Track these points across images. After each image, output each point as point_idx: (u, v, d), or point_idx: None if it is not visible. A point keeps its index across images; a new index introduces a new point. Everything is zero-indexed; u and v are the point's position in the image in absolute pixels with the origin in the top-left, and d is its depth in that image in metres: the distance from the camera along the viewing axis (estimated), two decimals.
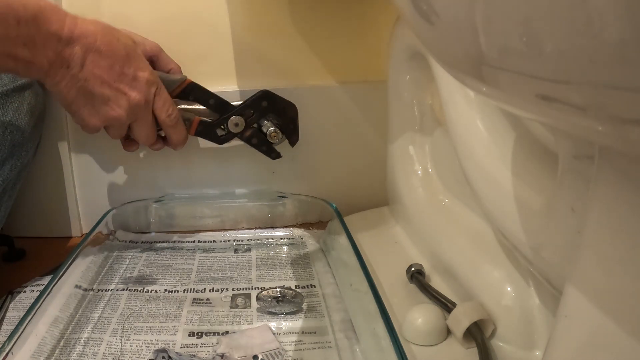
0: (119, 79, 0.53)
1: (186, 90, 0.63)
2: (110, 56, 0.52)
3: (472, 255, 0.54)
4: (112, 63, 0.53)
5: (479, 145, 0.48)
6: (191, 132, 0.65)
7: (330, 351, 0.50)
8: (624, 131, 0.20)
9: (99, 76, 0.52)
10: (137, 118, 0.57)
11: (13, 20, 0.45)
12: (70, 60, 0.50)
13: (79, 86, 0.52)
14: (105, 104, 0.54)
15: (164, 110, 0.59)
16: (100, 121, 0.55)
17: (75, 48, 0.50)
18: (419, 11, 0.25)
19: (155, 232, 0.73)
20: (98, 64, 0.52)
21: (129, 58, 0.54)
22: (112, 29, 0.54)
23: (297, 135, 0.70)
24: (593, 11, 0.16)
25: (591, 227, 0.29)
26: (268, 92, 0.68)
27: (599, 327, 0.28)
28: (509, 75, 0.22)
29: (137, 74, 0.55)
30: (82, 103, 0.53)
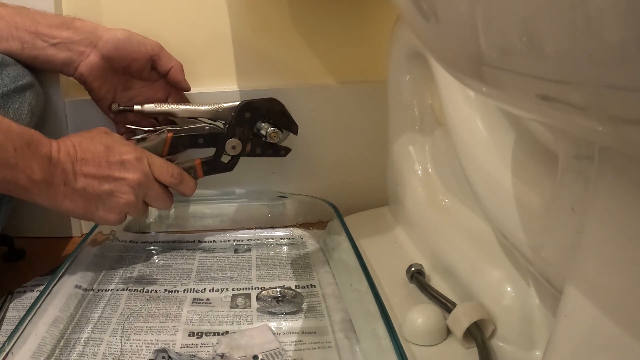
0: (110, 170, 0.56)
1: (173, 144, 0.65)
2: (92, 157, 0.55)
3: (472, 255, 0.54)
4: (97, 161, 0.56)
5: (479, 145, 0.48)
6: (199, 175, 0.66)
7: (330, 351, 0.50)
8: (624, 131, 0.20)
9: (92, 176, 0.55)
10: (147, 193, 0.59)
11: (11, 147, 0.48)
12: (65, 177, 0.53)
13: (81, 195, 0.55)
14: (112, 196, 0.56)
15: (166, 174, 0.61)
16: (118, 214, 0.58)
17: (66, 165, 0.53)
18: (419, 11, 0.25)
19: (155, 232, 0.73)
20: (87, 169, 0.55)
21: (109, 149, 0.57)
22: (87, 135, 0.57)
23: (294, 124, 0.69)
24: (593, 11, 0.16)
25: (591, 227, 0.29)
26: (246, 102, 0.67)
27: (599, 327, 0.28)
28: (509, 75, 0.22)
29: (123, 158, 0.57)
30: (93, 207, 0.56)
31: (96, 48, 0.63)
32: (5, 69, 0.59)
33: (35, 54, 0.62)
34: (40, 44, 0.62)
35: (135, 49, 0.65)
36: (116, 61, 0.64)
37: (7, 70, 0.60)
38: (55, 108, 0.71)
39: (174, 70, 0.67)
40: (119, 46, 0.64)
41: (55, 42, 0.62)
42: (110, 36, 0.64)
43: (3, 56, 0.60)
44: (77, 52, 0.63)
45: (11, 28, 0.61)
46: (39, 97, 0.64)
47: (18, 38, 0.61)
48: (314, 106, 0.74)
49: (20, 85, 0.60)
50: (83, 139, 0.56)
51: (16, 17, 0.61)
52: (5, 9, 0.62)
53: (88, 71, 0.64)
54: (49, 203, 0.54)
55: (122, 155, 0.57)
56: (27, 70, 0.63)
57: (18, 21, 0.61)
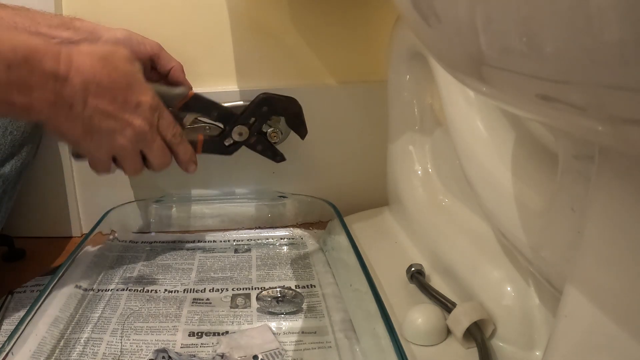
0: (122, 109, 0.51)
1: (189, 103, 0.62)
2: (111, 88, 0.50)
3: (472, 255, 0.54)
4: (114, 95, 0.51)
5: (479, 145, 0.48)
6: (198, 151, 0.64)
7: (330, 351, 0.50)
8: (624, 131, 0.20)
9: (103, 110, 0.50)
10: (146, 144, 0.55)
11: (2, 65, 0.43)
12: (72, 100, 0.48)
13: (84, 124, 0.50)
14: (110, 135, 0.52)
15: (169, 131, 0.57)
16: (107, 153, 0.54)
17: (75, 84, 0.47)
18: (419, 11, 0.25)
19: (155, 232, 0.73)
20: (101, 99, 0.50)
21: (130, 86, 0.52)
22: (110, 56, 0.52)
23: (305, 128, 0.68)
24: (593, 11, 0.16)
25: (591, 227, 0.29)
26: (267, 95, 0.66)
27: (599, 327, 0.28)
28: (509, 75, 0.22)
29: (140, 100, 0.53)
30: (89, 139, 0.51)
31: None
32: None
33: None
34: None
35: (135, 49, 0.64)
36: None
37: None
38: None
39: (174, 70, 0.66)
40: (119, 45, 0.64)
41: (55, 42, 0.62)
42: (110, 36, 0.64)
43: None
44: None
45: (10, 28, 0.61)
46: None
47: None
48: (314, 106, 0.74)
49: None
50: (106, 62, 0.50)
51: (16, 17, 0.61)
52: (5, 10, 0.62)
53: None
54: (47, 123, 0.49)
55: (141, 96, 0.53)
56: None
57: (17, 21, 0.61)
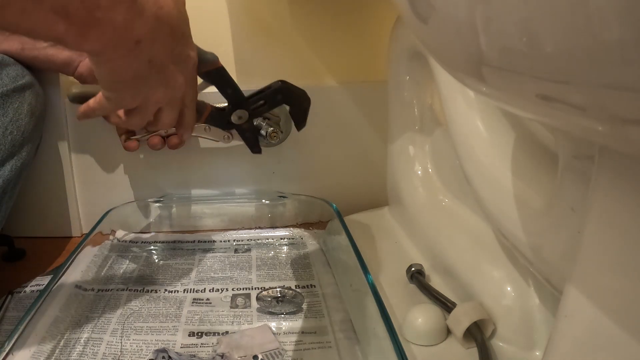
0: (174, 60, 0.45)
1: (211, 72, 0.59)
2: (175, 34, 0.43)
3: (472, 255, 0.54)
4: (175, 42, 0.44)
5: (479, 145, 0.48)
6: (202, 119, 0.62)
7: (330, 351, 0.50)
8: (624, 131, 0.20)
9: (163, 56, 0.43)
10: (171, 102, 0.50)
11: None
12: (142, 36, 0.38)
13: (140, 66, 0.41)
14: (152, 87, 0.45)
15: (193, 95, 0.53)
16: (136, 103, 0.46)
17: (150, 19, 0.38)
18: (419, 11, 0.25)
19: (155, 232, 0.73)
20: (166, 42, 0.42)
21: (184, 36, 0.46)
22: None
23: (304, 124, 0.67)
24: (593, 11, 0.16)
25: (591, 227, 0.29)
26: (285, 85, 0.63)
27: (599, 327, 0.28)
28: (509, 75, 0.22)
29: (189, 53, 0.47)
30: (132, 85, 0.43)
31: None
32: (4, 69, 0.59)
33: (35, 54, 0.62)
34: (41, 44, 0.62)
35: None
36: None
37: (7, 70, 0.60)
38: (55, 108, 0.71)
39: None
40: None
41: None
42: None
43: (2, 56, 0.60)
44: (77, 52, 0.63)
45: None
46: (38, 97, 0.64)
47: (18, 39, 0.61)
48: (314, 106, 0.74)
49: (20, 85, 0.60)
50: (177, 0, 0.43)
51: None
52: None
53: (88, 71, 0.64)
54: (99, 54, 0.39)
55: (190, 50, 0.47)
56: (27, 70, 0.63)
57: None
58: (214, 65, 0.59)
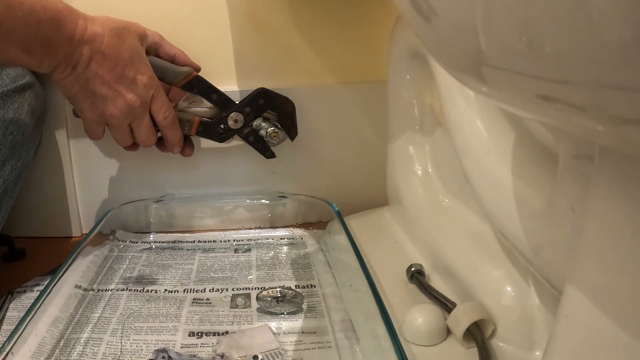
0: (118, 80, 0.56)
1: (191, 83, 0.65)
2: (113, 59, 0.56)
3: (472, 255, 0.54)
4: (114, 65, 0.56)
5: (479, 145, 0.48)
6: (192, 132, 0.66)
7: (330, 351, 0.50)
8: (624, 131, 0.20)
9: (101, 76, 0.55)
10: (135, 119, 0.60)
11: (35, 20, 0.48)
12: (77, 62, 0.53)
13: (81, 84, 0.55)
14: (103, 102, 0.57)
15: (160, 112, 0.61)
16: (97, 116, 0.59)
17: (84, 50, 0.53)
18: (419, 11, 0.25)
19: (155, 232, 0.73)
20: (101, 66, 0.55)
21: (132, 61, 0.57)
22: (121, 30, 0.57)
23: (295, 130, 0.71)
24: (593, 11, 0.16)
25: (591, 227, 0.29)
26: (265, 90, 0.68)
27: (599, 327, 0.28)
28: (508, 75, 0.22)
29: (136, 76, 0.58)
30: (82, 98, 0.57)
31: None
32: (4, 69, 0.59)
33: None
34: None
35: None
36: None
37: (7, 70, 0.60)
38: (55, 108, 0.71)
39: (178, 56, 0.67)
40: None
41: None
42: None
43: None
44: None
45: None
46: (38, 97, 0.64)
47: None
48: (314, 106, 0.74)
49: (20, 85, 0.60)
50: (116, 33, 0.56)
51: None
52: None
53: None
54: (51, 75, 0.54)
55: (137, 73, 0.58)
56: (27, 70, 0.63)
57: None
58: (190, 76, 0.64)
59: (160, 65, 0.62)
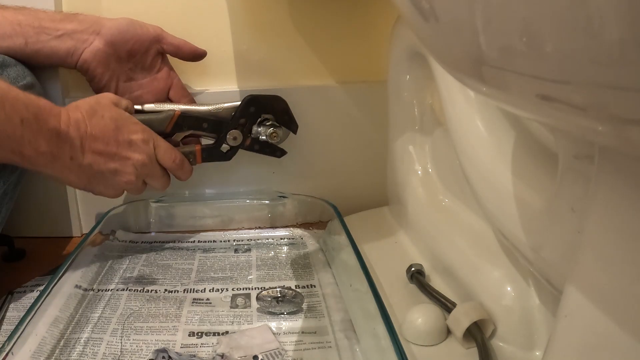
0: (117, 149, 0.57)
1: (178, 122, 0.65)
2: (102, 136, 0.56)
3: (472, 255, 0.54)
4: (106, 140, 0.56)
5: (479, 145, 0.48)
6: (198, 161, 0.67)
7: (330, 351, 0.50)
8: (624, 131, 0.20)
9: (100, 155, 0.56)
10: (148, 174, 0.61)
11: (18, 120, 0.48)
12: (73, 154, 0.54)
13: (87, 171, 0.56)
14: (115, 175, 0.58)
15: (168, 159, 0.62)
16: (117, 191, 0.60)
17: (74, 140, 0.54)
18: (419, 11, 0.25)
19: (155, 232, 0.73)
20: (96, 146, 0.56)
21: (119, 128, 0.57)
22: (95, 107, 0.57)
23: (295, 123, 0.70)
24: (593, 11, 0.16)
25: (591, 227, 0.29)
26: (252, 96, 0.68)
27: (599, 327, 0.28)
28: (509, 76, 0.22)
29: (131, 138, 0.58)
30: (95, 182, 0.58)
31: (100, 35, 0.64)
32: (5, 70, 0.59)
33: (38, 47, 0.62)
34: (44, 37, 0.62)
35: (138, 32, 0.65)
36: (120, 45, 0.65)
37: (8, 70, 0.60)
38: None
39: (184, 45, 0.67)
40: (122, 30, 0.65)
41: (59, 34, 0.63)
42: (112, 24, 0.65)
43: (3, 57, 0.60)
44: (81, 40, 0.63)
45: (14, 25, 0.61)
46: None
47: (21, 34, 0.61)
48: (314, 106, 0.74)
49: (21, 85, 0.60)
50: (93, 114, 0.56)
51: (19, 15, 0.62)
52: (7, 10, 0.62)
53: (92, 57, 0.64)
54: (53, 174, 0.55)
55: (131, 134, 0.58)
56: (28, 70, 0.63)
57: (21, 19, 0.62)
58: (174, 119, 0.65)
59: (143, 120, 0.62)
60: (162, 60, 0.69)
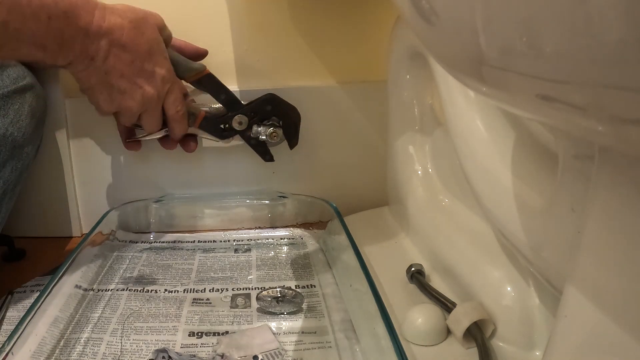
0: (137, 73, 0.56)
1: (201, 80, 0.65)
2: (132, 51, 0.55)
3: (472, 255, 0.54)
4: (133, 58, 0.55)
5: (479, 145, 0.48)
6: (196, 125, 0.67)
7: (330, 351, 0.50)
8: (624, 131, 0.20)
9: (120, 69, 0.55)
10: (148, 109, 0.60)
11: (45, 16, 0.47)
12: (95, 54, 0.53)
13: (99, 76, 0.55)
14: (121, 94, 0.57)
15: (173, 107, 0.61)
16: (114, 108, 0.59)
17: (102, 43, 0.52)
18: (419, 11, 0.25)
19: (155, 232, 0.73)
20: (120, 58, 0.54)
21: (150, 54, 0.57)
22: (141, 21, 0.56)
23: (296, 139, 0.71)
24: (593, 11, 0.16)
25: (591, 227, 0.29)
26: (273, 96, 0.69)
27: (599, 327, 0.28)
28: (509, 75, 0.22)
29: (154, 69, 0.57)
30: (99, 90, 0.56)
31: None
32: (5, 70, 0.59)
33: None
34: None
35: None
36: None
37: (8, 71, 0.60)
38: (55, 108, 0.71)
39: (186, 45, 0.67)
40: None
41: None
42: None
43: None
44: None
45: None
46: (39, 98, 0.64)
47: None
48: (314, 106, 0.74)
49: (21, 86, 0.60)
50: (135, 25, 0.55)
51: None
52: None
53: None
54: (68, 68, 0.53)
55: (156, 66, 0.57)
56: (28, 71, 0.63)
57: None
58: (201, 73, 0.65)
59: (174, 58, 0.62)
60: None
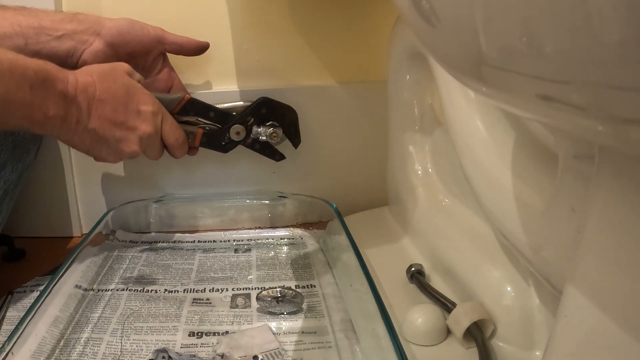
0: (125, 118, 0.57)
1: (186, 107, 0.65)
2: (111, 100, 0.56)
3: (472, 255, 0.54)
4: (114, 106, 0.56)
5: (479, 145, 0.48)
6: (196, 143, 0.67)
7: (330, 351, 0.50)
8: (624, 131, 0.20)
9: (107, 121, 0.56)
10: (149, 145, 0.61)
11: (27, 86, 0.48)
12: (78, 115, 0.53)
13: (91, 135, 0.55)
14: (119, 142, 0.57)
15: (172, 136, 0.62)
16: (119, 158, 0.60)
17: (80, 101, 0.53)
18: (419, 11, 0.25)
19: (155, 232, 0.73)
20: (102, 111, 0.55)
21: (129, 96, 0.57)
22: (108, 72, 0.57)
23: (299, 137, 0.71)
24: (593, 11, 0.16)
25: (591, 227, 0.29)
26: (267, 99, 0.69)
27: (599, 327, 0.28)
28: (509, 76, 0.22)
29: (140, 108, 0.58)
30: (97, 148, 0.57)
31: (100, 36, 0.64)
32: None
33: (38, 48, 0.62)
34: (44, 38, 0.62)
35: (139, 33, 0.65)
36: (120, 47, 0.64)
37: None
38: None
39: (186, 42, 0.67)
40: (122, 31, 0.64)
41: (59, 35, 0.62)
42: (113, 25, 0.64)
43: None
44: (81, 41, 0.63)
45: (14, 26, 0.61)
46: None
47: (22, 35, 0.61)
48: (314, 106, 0.74)
49: None
50: (105, 79, 0.56)
51: (19, 16, 0.62)
52: (7, 11, 0.62)
53: (92, 58, 0.64)
54: (60, 137, 0.55)
55: (141, 105, 0.58)
56: None
57: (21, 19, 0.61)
58: (183, 101, 0.65)
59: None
60: (163, 61, 0.69)
